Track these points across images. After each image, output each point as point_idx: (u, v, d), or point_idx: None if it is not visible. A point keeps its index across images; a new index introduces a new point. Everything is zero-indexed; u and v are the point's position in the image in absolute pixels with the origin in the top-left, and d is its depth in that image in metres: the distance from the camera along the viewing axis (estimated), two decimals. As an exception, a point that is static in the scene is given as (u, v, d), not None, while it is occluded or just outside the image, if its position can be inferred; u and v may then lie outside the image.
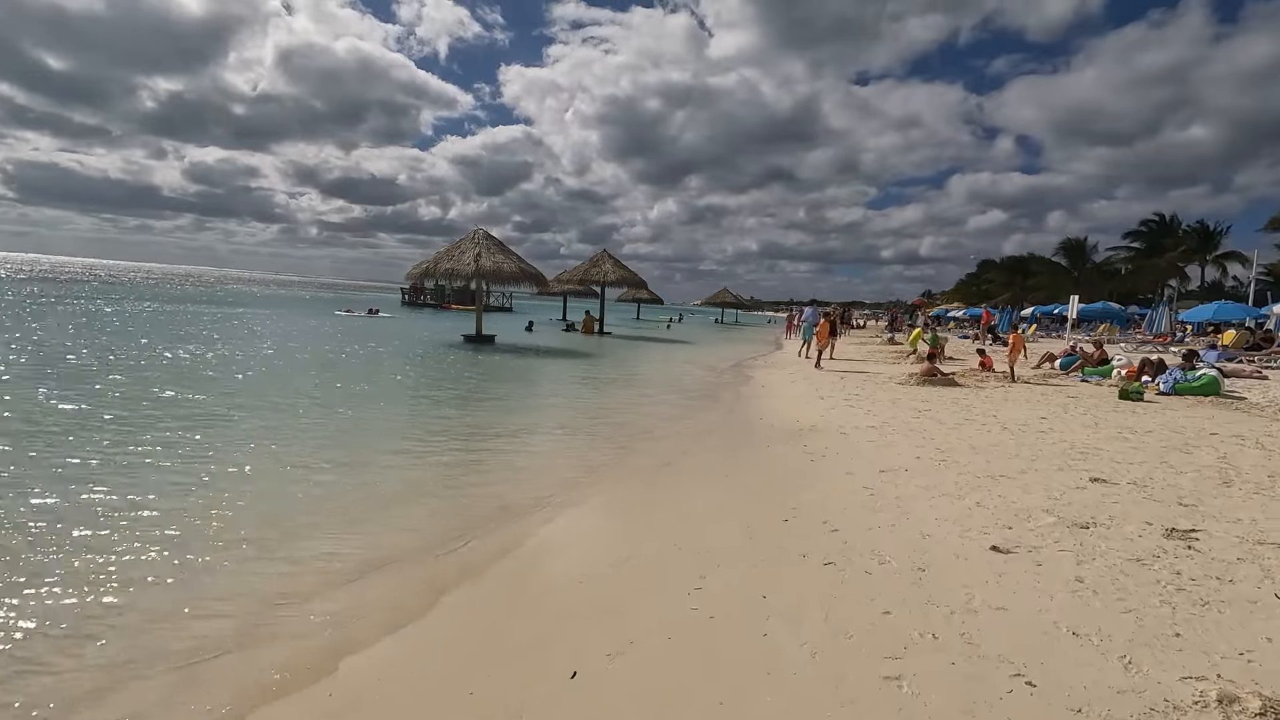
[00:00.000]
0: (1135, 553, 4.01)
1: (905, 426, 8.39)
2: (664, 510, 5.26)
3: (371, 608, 3.65)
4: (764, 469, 6.49)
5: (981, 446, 7.13)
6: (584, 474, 6.31)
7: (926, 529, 4.51)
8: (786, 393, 12.16)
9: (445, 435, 7.80)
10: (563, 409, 10.24)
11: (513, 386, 12.41)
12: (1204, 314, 23.65)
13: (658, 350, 23.67)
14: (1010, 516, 4.74)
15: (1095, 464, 6.29)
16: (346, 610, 3.61)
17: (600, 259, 28.63)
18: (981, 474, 5.97)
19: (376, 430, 7.87)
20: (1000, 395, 11.20)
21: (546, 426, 8.69)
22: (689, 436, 8.22)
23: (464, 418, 8.98)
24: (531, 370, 15.26)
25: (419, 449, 7.00)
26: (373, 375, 12.50)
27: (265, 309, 33.97)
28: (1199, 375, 11.14)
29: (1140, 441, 7.33)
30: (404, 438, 7.54)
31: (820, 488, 5.67)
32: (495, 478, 6.13)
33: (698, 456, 7.12)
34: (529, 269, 19.16)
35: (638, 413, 9.92)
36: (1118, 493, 5.32)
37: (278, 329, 21.21)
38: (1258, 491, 5.33)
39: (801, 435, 8.05)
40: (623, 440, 7.93)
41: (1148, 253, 42.71)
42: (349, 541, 4.50)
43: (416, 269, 18.99)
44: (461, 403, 10.13)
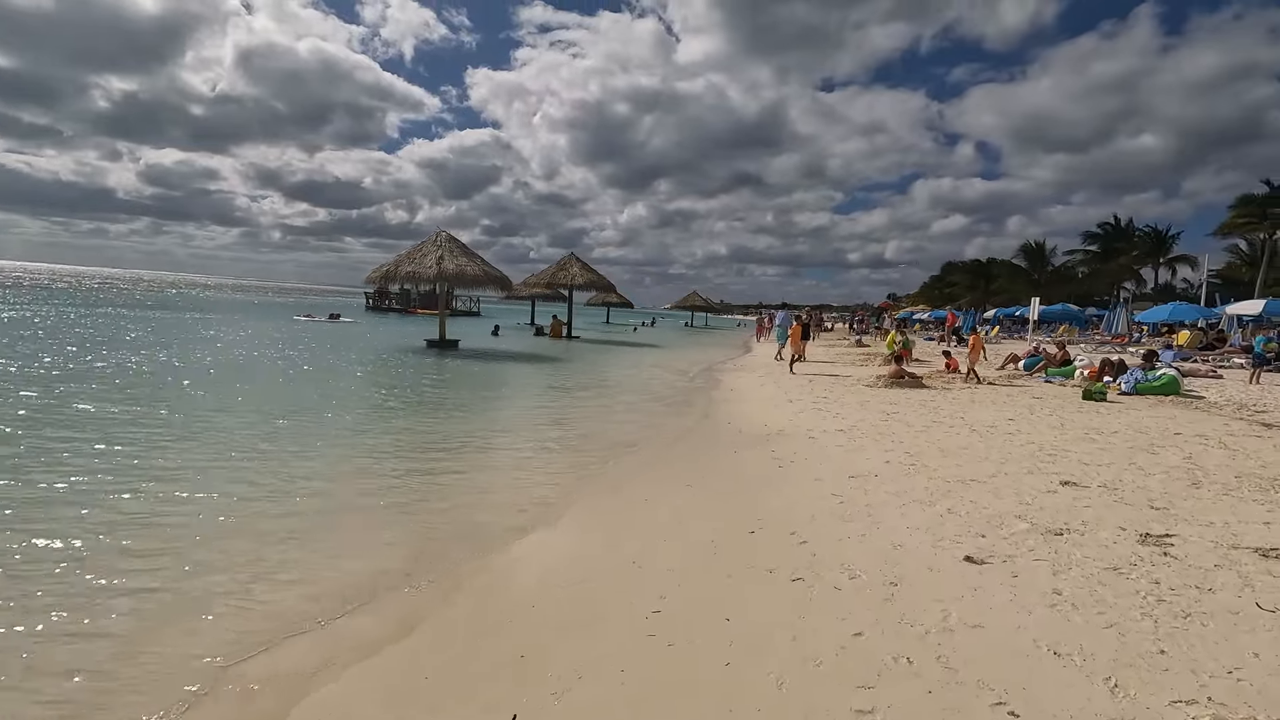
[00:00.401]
0: (1112, 560, 3.86)
1: (874, 430, 8.25)
2: (626, 525, 4.98)
3: (308, 653, 3.29)
4: (731, 477, 6.26)
5: (951, 449, 7.01)
6: (545, 489, 5.93)
7: (898, 539, 4.31)
8: (755, 396, 11.99)
9: (399, 449, 7.30)
10: (526, 418, 9.82)
11: (475, 394, 11.86)
12: (1159, 315, 24.28)
13: (626, 355, 23.38)
14: (983, 524, 4.57)
15: (1064, 466, 6.20)
16: (283, 654, 3.24)
17: (568, 262, 28.23)
18: (952, 478, 5.82)
19: (325, 443, 7.40)
20: (967, 397, 11.18)
21: (508, 437, 8.28)
22: (656, 445, 7.95)
23: (421, 428, 8.50)
24: (495, 376, 14.81)
25: (371, 464, 6.56)
26: (326, 383, 11.88)
27: (220, 314, 32.75)
28: (1159, 375, 11.28)
29: (1107, 442, 7.30)
30: (355, 451, 7.10)
31: (788, 495, 5.45)
32: (452, 497, 5.68)
33: (664, 466, 6.85)
34: (493, 272, 18.70)
35: (604, 421, 9.61)
36: (1089, 496, 5.21)
37: (229, 335, 20.32)
38: (1226, 493, 5.27)
39: (770, 440, 7.85)
40: (588, 451, 7.60)
41: (1103, 256, 43.93)
42: (294, 569, 4.11)
43: (377, 273, 18.37)
44: (420, 412, 9.62)
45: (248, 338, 19.79)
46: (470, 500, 5.59)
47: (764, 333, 36.86)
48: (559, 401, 11.72)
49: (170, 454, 6.44)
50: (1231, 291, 37.08)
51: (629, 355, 23.03)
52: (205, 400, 9.35)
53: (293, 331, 23.42)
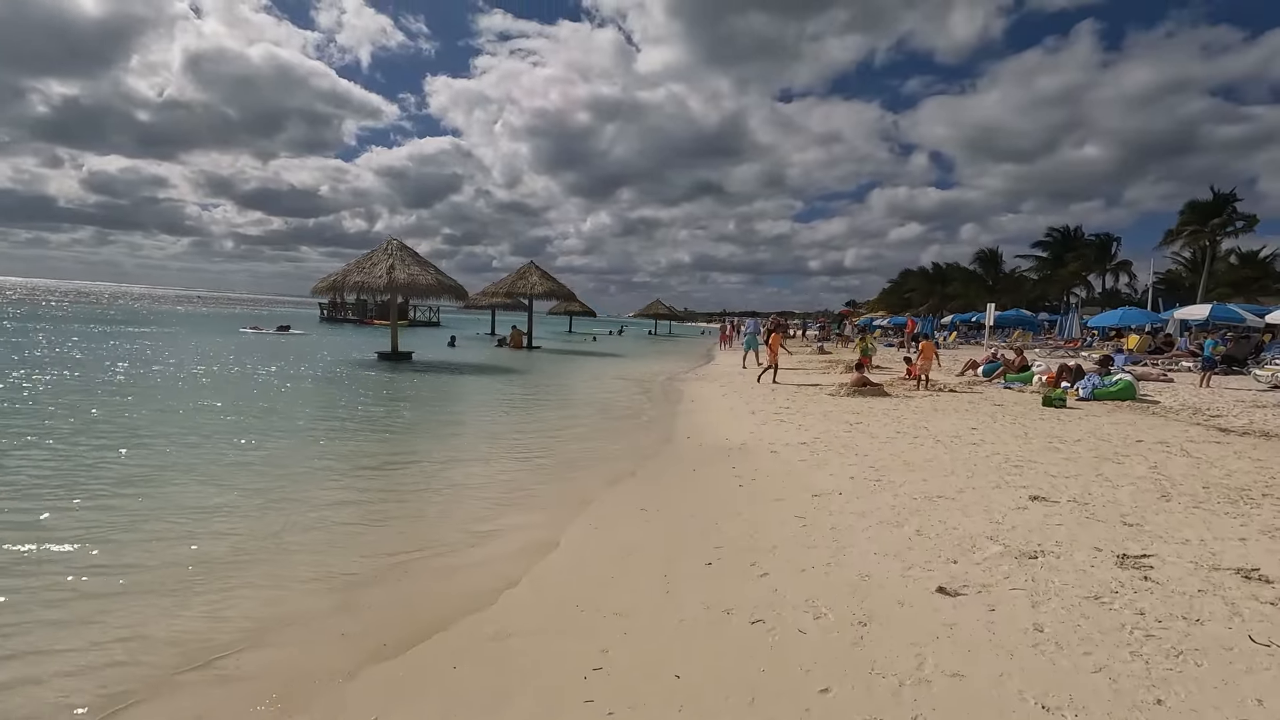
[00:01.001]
0: (1091, 588, 3.59)
1: (837, 442, 7.99)
2: (571, 561, 4.54)
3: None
4: (689, 498, 5.88)
5: (916, 463, 6.77)
6: (482, 524, 5.35)
7: (865, 567, 3.98)
8: (717, 407, 11.68)
9: (327, 478, 6.56)
10: (472, 439, 9.15)
11: (421, 413, 11.07)
12: (1110, 320, 24.92)
13: (588, 365, 22.90)
14: (953, 547, 4.27)
15: (1032, 479, 6.00)
16: None
17: (527, 271, 27.63)
18: (919, 495, 5.55)
19: (254, 469, 6.76)
20: (929, 405, 11.06)
21: (456, 460, 7.60)
22: (610, 465, 7.50)
23: (356, 454, 7.71)
24: (449, 391, 14.10)
25: (289, 497, 5.96)
26: (265, 401, 11.01)
27: (161, 327, 31.16)
28: (1115, 381, 11.34)
29: (1071, 452, 7.15)
30: (274, 481, 6.46)
31: (749, 519, 5.10)
32: (387, 529, 5.14)
33: (618, 488, 6.43)
34: (447, 281, 18.03)
35: (557, 439, 9.11)
36: (1059, 512, 4.98)
37: (167, 350, 19.13)
38: (1197, 505, 5.09)
39: (730, 455, 7.51)
40: (536, 474, 7.09)
41: (1053, 262, 45.25)
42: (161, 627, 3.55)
43: (323, 283, 17.47)
44: (357, 436, 8.79)
45: (181, 352, 18.63)
46: (396, 536, 5.02)
47: (727, 341, 36.82)
48: (509, 419, 11.06)
49: (33, 496, 5.33)
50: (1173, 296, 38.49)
51: (590, 366, 22.55)
52: (97, 427, 8.08)
53: (236, 345, 22.29)
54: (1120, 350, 20.30)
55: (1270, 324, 18.35)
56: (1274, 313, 19.12)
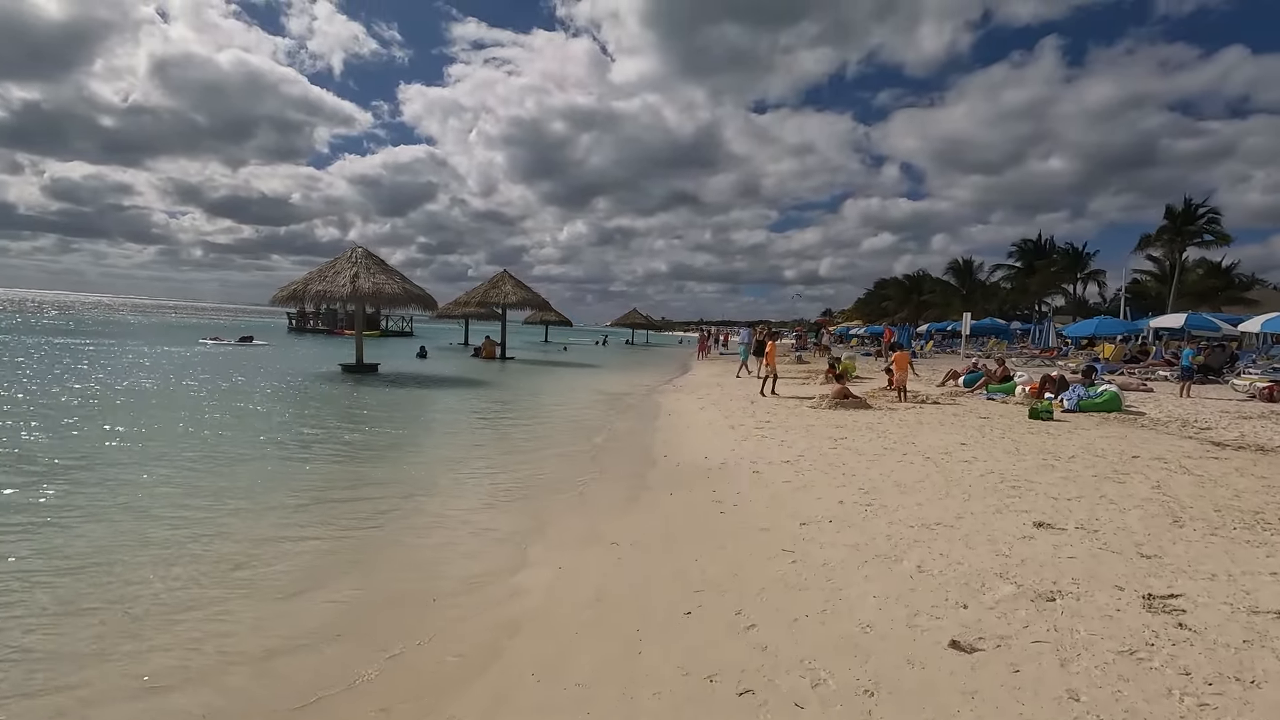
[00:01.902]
0: (1123, 638, 3.15)
1: (823, 460, 7.55)
2: (532, 609, 3.99)
3: None
4: (666, 529, 5.36)
5: (908, 484, 6.34)
6: (442, 566, 4.78)
7: (865, 615, 3.50)
8: (695, 422, 11.20)
9: (259, 513, 5.80)
10: (438, 462, 8.36)
11: (383, 432, 10.14)
12: (1086, 329, 25.07)
13: (562, 376, 22.30)
14: (961, 587, 3.82)
15: (1032, 502, 5.59)
16: None
17: (500, 280, 26.96)
18: (915, 522, 5.11)
19: (195, 498, 6.09)
20: (914, 418, 10.70)
21: (412, 492, 6.70)
22: (582, 489, 6.95)
23: (304, 481, 7.01)
24: (413, 407, 13.31)
25: (220, 535, 5.32)
26: (193, 424, 10.05)
27: (110, 338, 29.81)
28: (1101, 392, 11.11)
29: (1068, 470, 6.79)
30: (204, 511, 5.82)
31: (732, 554, 4.59)
32: (318, 589, 4.41)
33: (588, 518, 5.89)
34: (415, 290, 17.33)
35: (527, 460, 8.52)
36: (1069, 542, 4.56)
37: (104, 364, 18.08)
38: (1213, 533, 4.71)
39: (710, 476, 7.02)
40: (503, 503, 6.47)
41: (1026, 272, 45.82)
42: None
43: (283, 292, 16.65)
44: (310, 458, 8.10)
45: (118, 366, 17.61)
46: (329, 596, 4.37)
47: (705, 351, 36.46)
48: (473, 438, 10.31)
49: None
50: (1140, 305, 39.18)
51: (564, 378, 21.95)
52: (62, 446, 7.63)
53: (190, 357, 21.28)
54: (1096, 359, 20.31)
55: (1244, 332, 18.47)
56: (1246, 322, 19.31)
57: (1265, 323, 16.74)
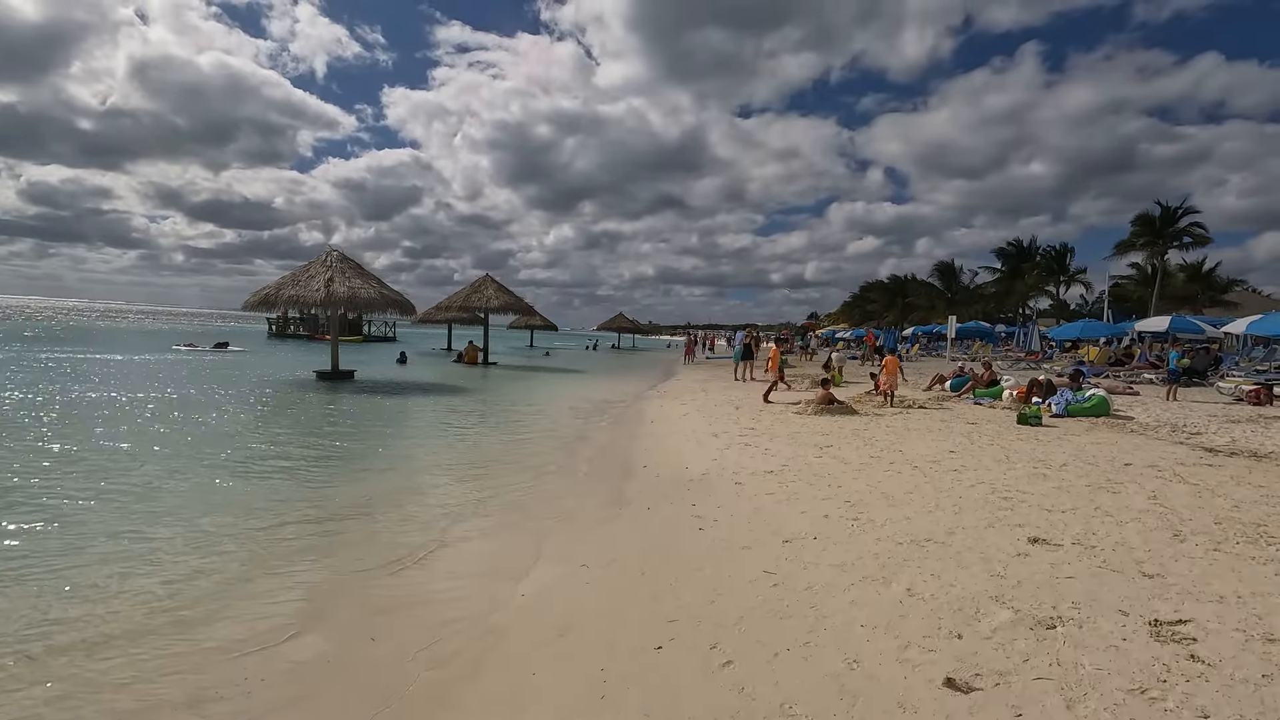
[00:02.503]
0: (1133, 674, 2.88)
1: (808, 470, 7.28)
2: (490, 644, 3.66)
3: None
4: (641, 548, 5.05)
5: (895, 495, 6.07)
6: (400, 591, 4.50)
7: (852, 647, 3.21)
8: (678, 430, 10.89)
9: (204, 543, 5.22)
10: (406, 475, 7.90)
11: (351, 444, 9.49)
12: (1072, 332, 25.09)
13: (544, 383, 21.90)
14: (954, 613, 3.54)
15: (1025, 515, 5.34)
16: None
17: (483, 284, 26.53)
18: (904, 538, 4.83)
19: (128, 524, 5.70)
20: (901, 424, 10.47)
21: (367, 509, 6.20)
22: (555, 505, 6.59)
23: (259, 498, 6.55)
24: (387, 416, 12.70)
25: (165, 556, 4.95)
26: (165, 432, 9.79)
27: (80, 346, 29.03)
28: (1089, 396, 10.95)
29: (1060, 479, 6.55)
30: (154, 535, 5.44)
31: (710, 576, 4.29)
32: (258, 622, 4.16)
33: (559, 535, 5.58)
34: (392, 295, 16.90)
35: (500, 472, 8.15)
36: (1066, 560, 4.30)
37: (78, 372, 17.51)
38: (1216, 548, 4.48)
39: (690, 488, 6.72)
40: (472, 518, 6.17)
41: (1010, 275, 46.03)
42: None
43: (255, 297, 16.16)
44: (269, 473, 7.66)
45: (80, 375, 17.04)
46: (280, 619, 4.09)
47: (691, 354, 36.22)
48: (445, 451, 9.64)
49: None
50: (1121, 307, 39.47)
51: (546, 384, 21.56)
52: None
53: (165, 364, 20.68)
54: (1081, 362, 20.27)
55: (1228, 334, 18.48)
56: (1230, 324, 19.35)
57: (1250, 325, 16.76)
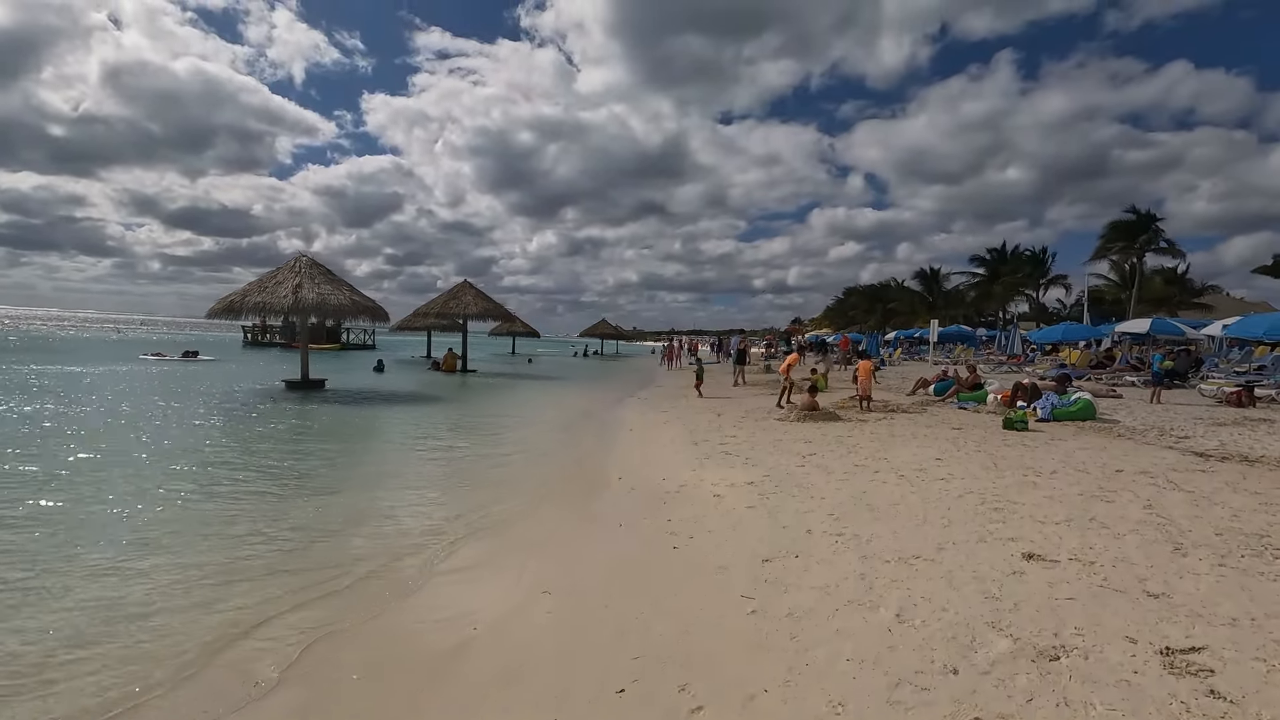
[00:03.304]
0: (1148, 714, 2.57)
1: (790, 480, 6.96)
2: (434, 678, 3.28)
3: None
4: (611, 569, 4.68)
5: (881, 507, 5.77)
6: (349, 612, 4.13)
7: (838, 686, 2.88)
8: (657, 439, 10.55)
9: (153, 570, 4.95)
10: (369, 491, 7.33)
11: (312, 461, 8.70)
12: (1053, 335, 25.11)
13: (523, 391, 21.44)
14: (948, 643, 3.22)
15: (1018, 527, 5.05)
16: None
17: (461, 290, 26.04)
18: (891, 555, 4.52)
19: (47, 554, 5.23)
20: (885, 430, 10.20)
21: (321, 533, 5.69)
22: (521, 524, 6.18)
23: (199, 523, 6.08)
24: (355, 429, 12.16)
25: (87, 592, 4.51)
26: (113, 447, 9.26)
27: (46, 355, 28.10)
28: (1074, 400, 10.77)
29: (1051, 487, 6.29)
30: (79, 567, 4.99)
31: (683, 603, 3.94)
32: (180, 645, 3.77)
33: (522, 556, 5.20)
34: (364, 301, 16.39)
35: (465, 488, 7.70)
36: (1065, 578, 4.01)
37: (35, 383, 16.78)
38: (1221, 562, 4.20)
39: (667, 502, 6.37)
40: (427, 542, 5.75)
41: (990, 278, 46.32)
42: None
43: (220, 304, 15.57)
44: (214, 495, 6.94)
45: (71, 385, 16.34)
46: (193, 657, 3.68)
47: (675, 359, 35.94)
48: (411, 465, 9.09)
49: None
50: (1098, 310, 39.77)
51: (525, 392, 21.11)
52: None
53: (129, 374, 19.96)
54: (1063, 365, 20.24)
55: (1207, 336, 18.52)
56: (1209, 326, 19.42)
57: (1227, 327, 16.80)
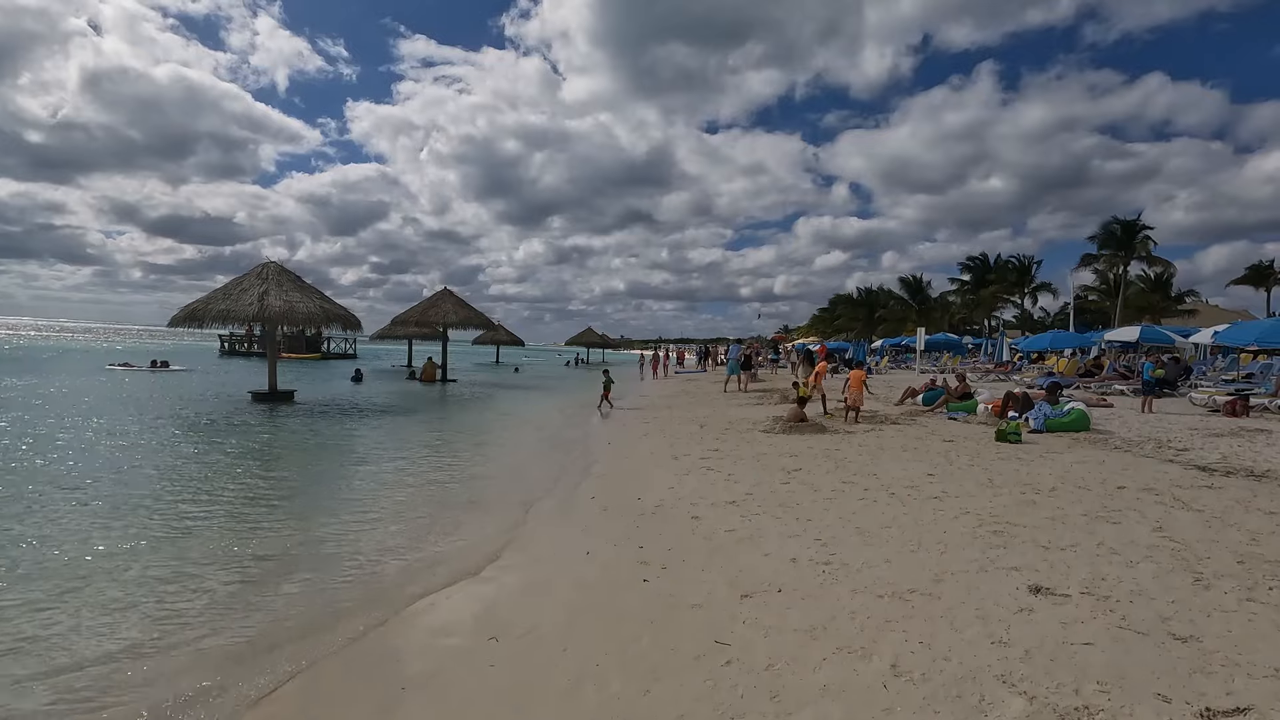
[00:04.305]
0: (1199, 805, 2.11)
1: (774, 499, 6.50)
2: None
3: None
4: (568, 610, 4.18)
5: (872, 530, 5.32)
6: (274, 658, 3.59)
7: (824, 764, 2.39)
8: (635, 451, 10.06)
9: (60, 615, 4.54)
10: (315, 518, 6.51)
11: (261, 485, 7.78)
12: (1041, 343, 24.96)
13: (502, 402, 20.80)
14: (953, 703, 2.76)
15: (1021, 554, 4.62)
16: None
17: (440, 298, 25.45)
18: (884, 589, 4.06)
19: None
20: (874, 443, 9.79)
21: (254, 581, 4.80)
22: (476, 552, 5.60)
23: (143, 551, 5.71)
24: (318, 445, 11.23)
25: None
26: (40, 466, 8.68)
27: (7, 365, 27.15)
28: (1068, 410, 10.42)
29: (1052, 507, 5.87)
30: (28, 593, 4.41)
31: (648, 648, 3.45)
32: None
33: (473, 592, 4.68)
34: (334, 309, 15.79)
35: (426, 511, 7.19)
36: (1078, 616, 3.57)
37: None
38: (1249, 597, 3.78)
39: (640, 525, 5.88)
40: (371, 580, 5.27)
41: (976, 287, 46.41)
42: None
43: (181, 313, 14.88)
44: (146, 528, 6.45)
45: (20, 397, 15.60)
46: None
47: (663, 366, 35.48)
48: (365, 485, 8.26)
49: None
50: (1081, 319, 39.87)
51: (504, 403, 20.47)
52: None
53: (88, 386, 19.19)
54: (1051, 373, 20.01)
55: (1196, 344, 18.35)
56: (1198, 334, 19.28)
57: (1218, 334, 16.60)
